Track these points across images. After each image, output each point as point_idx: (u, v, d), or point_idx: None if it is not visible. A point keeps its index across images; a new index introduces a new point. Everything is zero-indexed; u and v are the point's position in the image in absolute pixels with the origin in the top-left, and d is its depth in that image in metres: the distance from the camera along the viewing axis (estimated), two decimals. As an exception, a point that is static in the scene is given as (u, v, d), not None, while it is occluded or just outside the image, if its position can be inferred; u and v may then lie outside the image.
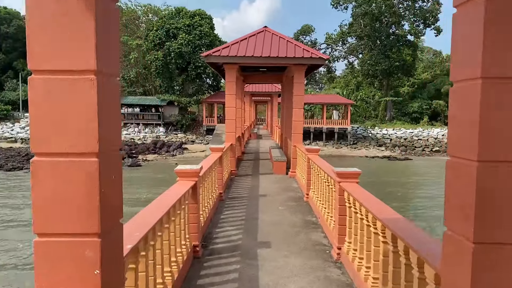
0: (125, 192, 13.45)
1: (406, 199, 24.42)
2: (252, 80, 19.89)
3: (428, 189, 27.16)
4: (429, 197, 24.46)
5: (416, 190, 27.45)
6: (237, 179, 12.86)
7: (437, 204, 22.16)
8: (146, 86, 59.72)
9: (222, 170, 9.87)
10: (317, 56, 12.49)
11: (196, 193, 6.05)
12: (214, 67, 14.29)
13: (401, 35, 57.06)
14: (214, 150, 9.74)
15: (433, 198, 23.82)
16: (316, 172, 8.68)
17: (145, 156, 44.22)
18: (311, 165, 9.50)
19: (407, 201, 23.85)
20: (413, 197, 25.14)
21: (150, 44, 52.02)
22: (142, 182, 28.28)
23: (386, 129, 55.28)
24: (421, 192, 26.50)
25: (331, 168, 6.99)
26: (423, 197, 24.81)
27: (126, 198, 15.29)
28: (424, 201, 23.44)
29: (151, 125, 53.94)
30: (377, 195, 5.11)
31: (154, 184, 26.99)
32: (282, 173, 13.82)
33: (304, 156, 10.91)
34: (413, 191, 26.87)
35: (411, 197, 25.11)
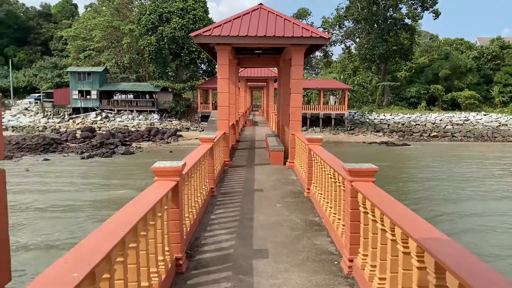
0: (113, 181, 12.08)
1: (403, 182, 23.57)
2: (246, 63, 18.69)
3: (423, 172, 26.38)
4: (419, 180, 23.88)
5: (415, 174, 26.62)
6: (231, 171, 11.78)
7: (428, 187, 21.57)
8: (139, 72, 58.18)
9: (213, 163, 8.78)
10: (318, 36, 11.31)
11: (178, 196, 4.96)
12: (205, 49, 13.08)
13: (399, 18, 55.64)
14: (204, 141, 8.63)
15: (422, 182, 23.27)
16: (319, 165, 7.60)
17: (139, 143, 43.06)
18: (312, 157, 8.42)
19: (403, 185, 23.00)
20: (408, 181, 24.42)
21: (143, 29, 50.43)
22: (132, 170, 27.20)
23: (384, 115, 54.24)
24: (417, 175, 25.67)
25: (339, 163, 5.91)
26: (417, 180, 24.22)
27: (112, 187, 14.12)
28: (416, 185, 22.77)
29: (145, 112, 52.64)
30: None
31: (145, 172, 25.92)
32: (279, 164, 12.76)
33: (304, 146, 9.81)
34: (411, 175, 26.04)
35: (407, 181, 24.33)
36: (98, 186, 22.24)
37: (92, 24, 55.99)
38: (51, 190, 21.30)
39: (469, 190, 21.87)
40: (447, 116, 53.04)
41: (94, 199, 19.29)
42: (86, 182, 23.69)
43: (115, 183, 22.83)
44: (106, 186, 22.32)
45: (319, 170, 7.75)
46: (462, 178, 25.50)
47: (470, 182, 24.29)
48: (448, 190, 21.84)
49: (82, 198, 19.34)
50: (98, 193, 20.61)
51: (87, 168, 28.99)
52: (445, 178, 25.22)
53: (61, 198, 19.50)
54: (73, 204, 18.25)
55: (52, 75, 66.65)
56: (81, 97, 52.13)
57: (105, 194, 20.27)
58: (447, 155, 36.23)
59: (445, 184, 23.44)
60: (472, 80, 56.61)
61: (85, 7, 75.21)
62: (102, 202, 18.60)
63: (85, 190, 21.39)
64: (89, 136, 44.21)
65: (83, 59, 58.87)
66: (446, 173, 27.05)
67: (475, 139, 47.95)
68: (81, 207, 17.71)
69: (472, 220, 16.09)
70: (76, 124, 50.00)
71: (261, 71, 30.44)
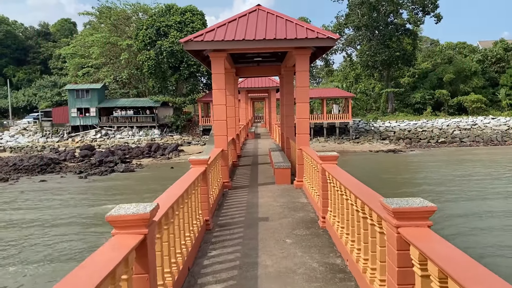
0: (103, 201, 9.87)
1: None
2: (246, 73, 17.23)
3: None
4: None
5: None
6: (231, 193, 10.22)
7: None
8: (139, 87, 56.99)
9: (207, 189, 7.23)
10: (325, 36, 9.82)
11: (147, 256, 3.41)
12: (199, 58, 11.61)
13: (400, 24, 54.35)
14: (195, 163, 7.09)
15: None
16: (338, 190, 6.04)
17: (139, 160, 41.62)
18: (328, 178, 6.86)
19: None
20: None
21: (141, 44, 49.31)
22: (127, 188, 25.60)
23: (389, 122, 52.68)
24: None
25: (372, 195, 4.37)
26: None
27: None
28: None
29: (146, 127, 51.29)
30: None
31: (139, 191, 24.30)
32: (286, 183, 11.19)
33: (315, 164, 8.26)
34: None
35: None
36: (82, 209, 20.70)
37: (90, 41, 54.99)
38: (36, 220, 19.77)
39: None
40: (454, 121, 51.41)
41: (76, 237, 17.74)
42: (77, 203, 22.15)
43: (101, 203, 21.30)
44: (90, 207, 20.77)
45: (337, 196, 6.19)
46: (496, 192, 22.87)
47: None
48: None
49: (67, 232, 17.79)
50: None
51: (83, 189, 27.45)
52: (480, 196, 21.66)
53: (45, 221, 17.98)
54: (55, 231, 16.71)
55: (52, 93, 65.60)
56: (80, 115, 50.87)
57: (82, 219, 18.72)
58: (461, 161, 34.45)
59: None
60: (477, 84, 55.06)
61: (84, 24, 74.54)
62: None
63: (72, 216, 19.84)
64: (88, 155, 42.82)
65: (81, 76, 57.80)
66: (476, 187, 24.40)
67: (485, 144, 46.22)
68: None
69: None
70: (75, 143, 48.65)
71: (262, 81, 29.00)
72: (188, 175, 6.43)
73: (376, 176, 27.50)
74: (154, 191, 22.46)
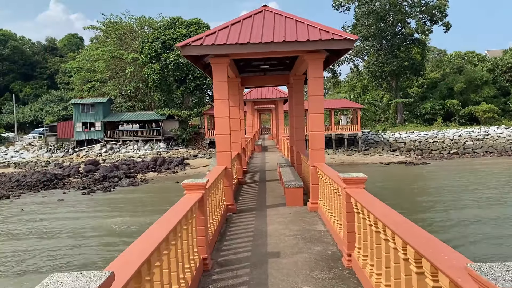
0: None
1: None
2: (251, 83, 15.93)
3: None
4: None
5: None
6: (236, 219, 8.83)
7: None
8: (145, 101, 56.05)
9: (205, 221, 5.85)
10: (341, 37, 8.49)
11: None
12: (198, 64, 10.31)
13: (408, 33, 53.03)
14: (190, 188, 5.73)
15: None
16: (371, 226, 4.63)
17: (144, 175, 40.39)
18: (355, 207, 5.46)
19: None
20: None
21: (146, 57, 48.41)
22: (128, 205, 24.21)
23: (399, 133, 51.08)
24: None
25: (421, 235, 2.99)
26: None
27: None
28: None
29: (151, 141, 50.14)
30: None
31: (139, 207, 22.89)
32: (298, 205, 9.78)
33: (335, 186, 6.85)
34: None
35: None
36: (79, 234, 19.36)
37: (95, 55, 54.28)
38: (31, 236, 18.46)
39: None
40: (466, 132, 49.71)
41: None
42: (74, 223, 20.80)
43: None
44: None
45: (370, 232, 4.79)
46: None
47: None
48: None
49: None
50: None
51: (84, 205, 26.16)
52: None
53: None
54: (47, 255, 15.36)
55: (58, 108, 64.88)
56: (85, 129, 49.90)
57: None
58: (478, 172, 32.73)
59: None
60: (489, 93, 53.39)
61: (91, 39, 74.13)
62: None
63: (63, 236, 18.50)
64: (93, 170, 41.68)
65: (87, 90, 57.02)
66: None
67: (499, 154, 44.40)
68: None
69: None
70: (80, 158, 47.59)
71: (269, 92, 27.71)
72: (180, 205, 5.07)
73: (400, 193, 25.80)
74: (152, 212, 21.18)
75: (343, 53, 9.65)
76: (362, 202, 4.95)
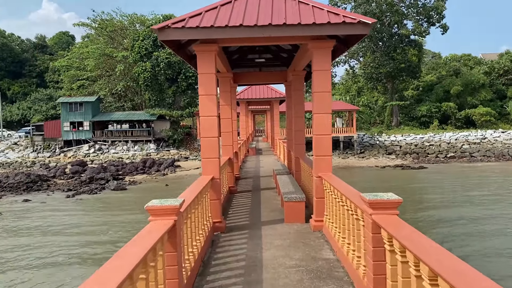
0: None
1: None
2: (245, 80, 14.28)
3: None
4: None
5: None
6: (224, 240, 7.17)
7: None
8: (135, 100, 54.14)
9: (177, 257, 4.17)
10: (355, 21, 6.87)
11: None
12: (182, 54, 8.63)
13: (405, 34, 51.71)
14: (157, 213, 4.07)
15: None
16: (419, 276, 3.01)
17: (133, 177, 38.54)
18: (387, 242, 3.82)
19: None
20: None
21: (137, 55, 46.61)
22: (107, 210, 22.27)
23: (395, 136, 49.70)
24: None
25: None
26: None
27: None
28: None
29: (141, 142, 48.28)
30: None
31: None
32: (299, 221, 8.14)
33: (351, 207, 5.20)
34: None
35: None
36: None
37: (85, 53, 52.33)
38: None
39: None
40: (463, 135, 48.46)
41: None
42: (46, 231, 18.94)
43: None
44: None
45: (416, 283, 3.16)
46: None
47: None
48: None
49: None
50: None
51: (64, 210, 24.26)
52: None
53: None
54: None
55: (47, 107, 62.78)
56: (73, 129, 47.94)
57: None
58: (480, 178, 31.29)
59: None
60: (485, 96, 52.23)
61: (82, 37, 72.03)
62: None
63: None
64: (79, 171, 39.78)
65: (76, 89, 55.02)
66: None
67: (496, 159, 43.15)
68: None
69: None
70: (68, 158, 45.64)
71: (264, 91, 26.07)
72: (139, 241, 3.40)
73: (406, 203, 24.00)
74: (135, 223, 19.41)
75: (353, 41, 8.00)
76: (401, 240, 3.33)
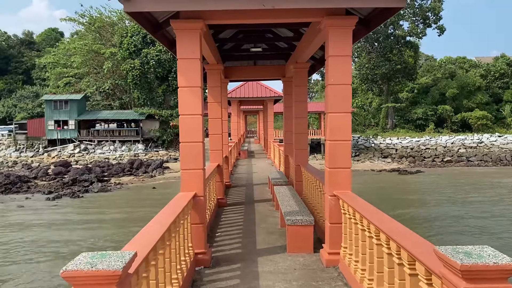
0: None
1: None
2: (237, 74, 12.40)
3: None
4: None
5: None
6: (209, 279, 5.28)
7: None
8: (123, 99, 51.92)
9: None
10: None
11: None
12: (160, 37, 6.72)
13: (401, 35, 50.21)
14: (80, 284, 2.21)
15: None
16: None
17: (119, 178, 36.44)
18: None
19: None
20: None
21: (125, 52, 44.45)
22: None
23: (390, 138, 48.14)
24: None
25: None
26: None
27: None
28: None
29: (129, 142, 46.10)
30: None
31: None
32: (305, 251, 6.28)
33: (405, 263, 3.32)
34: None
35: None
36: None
37: (72, 49, 50.03)
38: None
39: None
40: (459, 139, 47.05)
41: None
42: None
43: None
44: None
45: None
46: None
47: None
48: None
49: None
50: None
51: (41, 214, 22.13)
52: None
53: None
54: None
55: (33, 105, 60.25)
56: (58, 128, 45.62)
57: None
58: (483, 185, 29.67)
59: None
60: (482, 100, 50.91)
61: (71, 34, 69.50)
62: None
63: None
64: (63, 172, 37.57)
65: (63, 86, 52.65)
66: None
67: (494, 164, 41.75)
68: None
69: None
70: (51, 158, 43.35)
71: (257, 90, 24.17)
72: None
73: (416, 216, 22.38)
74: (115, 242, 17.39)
75: (379, 20, 6.14)
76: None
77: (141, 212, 20.51)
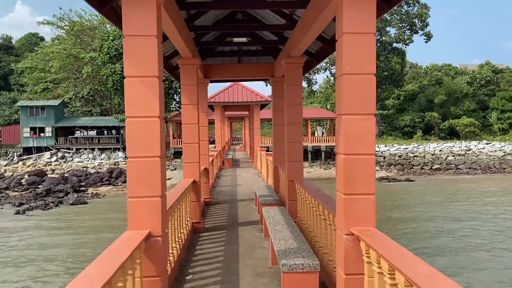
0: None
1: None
2: (219, 73, 10.58)
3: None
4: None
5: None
6: None
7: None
8: (103, 105, 49.56)
9: None
10: None
11: None
12: (107, 11, 4.88)
13: (388, 42, 49.17)
14: None
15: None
16: None
17: (96, 188, 34.15)
18: None
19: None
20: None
21: (105, 57, 42.26)
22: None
23: (378, 146, 46.78)
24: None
25: None
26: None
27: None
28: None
29: (109, 149, 43.75)
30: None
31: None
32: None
33: None
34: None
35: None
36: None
37: (50, 54, 47.59)
38: None
39: None
40: (447, 146, 46.01)
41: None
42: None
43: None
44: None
45: None
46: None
47: None
48: None
49: None
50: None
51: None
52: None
53: None
54: None
55: (10, 111, 57.35)
56: (34, 135, 43.08)
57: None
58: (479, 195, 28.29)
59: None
60: (469, 107, 50.10)
61: (52, 39, 66.87)
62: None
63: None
64: (37, 182, 35.13)
65: (40, 92, 50.06)
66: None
67: (483, 171, 40.71)
68: None
69: None
70: (26, 167, 40.75)
71: (242, 94, 22.39)
72: None
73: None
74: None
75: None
76: None
77: (112, 233, 18.32)
